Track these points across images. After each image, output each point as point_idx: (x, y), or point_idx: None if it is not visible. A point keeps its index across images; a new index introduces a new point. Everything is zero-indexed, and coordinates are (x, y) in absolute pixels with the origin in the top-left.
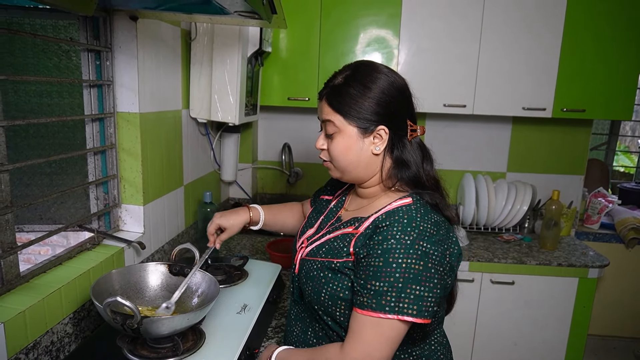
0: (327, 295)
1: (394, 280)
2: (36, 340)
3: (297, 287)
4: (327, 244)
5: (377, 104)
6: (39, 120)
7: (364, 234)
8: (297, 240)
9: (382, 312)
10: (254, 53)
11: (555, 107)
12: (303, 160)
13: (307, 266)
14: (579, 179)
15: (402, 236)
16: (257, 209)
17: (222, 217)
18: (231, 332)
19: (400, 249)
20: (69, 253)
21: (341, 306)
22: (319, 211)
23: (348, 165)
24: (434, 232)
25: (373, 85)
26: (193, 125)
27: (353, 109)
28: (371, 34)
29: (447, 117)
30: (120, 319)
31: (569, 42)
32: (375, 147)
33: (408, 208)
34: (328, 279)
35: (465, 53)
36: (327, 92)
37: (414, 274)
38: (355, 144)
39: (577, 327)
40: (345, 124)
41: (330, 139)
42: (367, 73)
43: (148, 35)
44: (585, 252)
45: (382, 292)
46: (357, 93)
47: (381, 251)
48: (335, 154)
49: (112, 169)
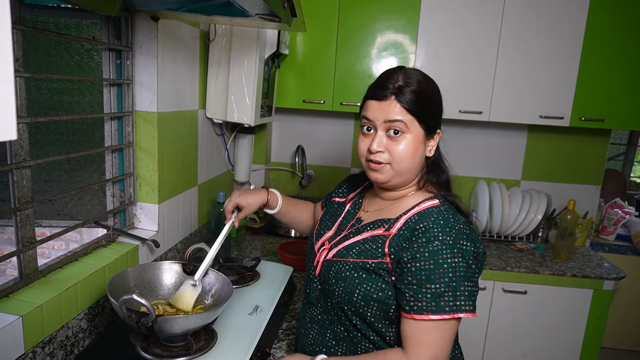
0: (360, 295)
1: (448, 280)
2: (52, 335)
3: (316, 289)
4: (358, 246)
5: (438, 108)
6: (61, 118)
7: (399, 235)
8: (315, 242)
9: (443, 313)
10: (271, 55)
11: (573, 116)
12: (316, 163)
13: (336, 267)
14: (595, 189)
15: (444, 237)
16: (276, 193)
17: (240, 195)
18: (243, 333)
19: (446, 249)
20: (84, 249)
21: (373, 307)
22: (333, 214)
23: (408, 168)
24: (467, 230)
25: (434, 90)
26: (208, 125)
27: (422, 110)
28: (388, 38)
29: (462, 123)
30: (135, 316)
31: (589, 51)
32: (430, 150)
33: (439, 210)
34: (362, 280)
35: (483, 59)
36: (395, 92)
37: (463, 271)
38: (421, 146)
39: (590, 339)
40: (416, 126)
41: (394, 140)
42: (419, 77)
43: (168, 36)
44: (600, 263)
45: (440, 293)
46: (421, 94)
47: (429, 254)
48: (401, 155)
49: (129, 167)
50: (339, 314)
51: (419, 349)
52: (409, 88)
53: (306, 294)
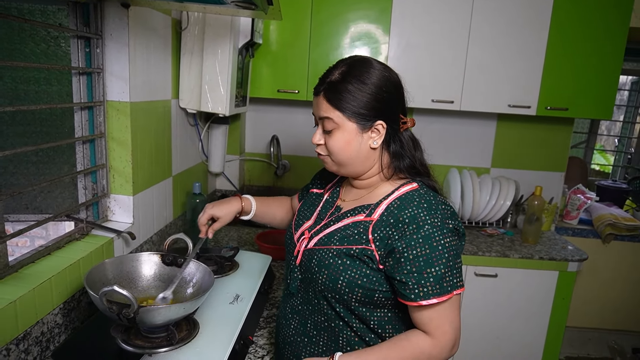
0: (345, 282)
1: (445, 261)
2: (26, 331)
3: (296, 279)
4: (339, 232)
5: (374, 99)
6: (29, 107)
7: (381, 221)
8: (294, 232)
9: (447, 293)
10: (245, 44)
11: (539, 105)
12: (291, 153)
13: (318, 255)
14: (559, 176)
15: (432, 220)
16: (249, 198)
17: (214, 207)
18: (225, 322)
19: (437, 231)
20: (57, 243)
21: (358, 293)
22: (311, 204)
23: (347, 160)
24: (449, 210)
25: (370, 81)
26: (182, 115)
27: (352, 105)
28: (361, 28)
29: (434, 112)
30: (117, 308)
31: (554, 41)
32: (373, 142)
33: (419, 193)
34: (346, 266)
35: (454, 49)
36: (325, 88)
37: (454, 249)
38: (355, 139)
39: (556, 319)
40: (344, 120)
41: (328, 134)
42: (363, 69)
43: (139, 24)
44: (565, 246)
45: (441, 275)
46: (355, 89)
47: (422, 239)
48: (335, 149)
49: (101, 158)
50: (320, 303)
51: (442, 327)
52: (340, 84)
53: (286, 284)
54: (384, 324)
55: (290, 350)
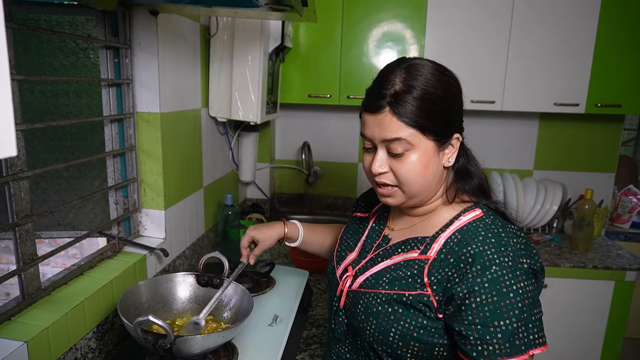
0: (398, 334)
1: (519, 312)
2: (60, 358)
3: (342, 324)
4: (389, 272)
5: (448, 108)
6: (59, 123)
7: (439, 260)
8: (336, 266)
9: (520, 354)
10: (275, 49)
11: (588, 103)
12: (322, 159)
13: (365, 300)
14: (609, 177)
15: (501, 259)
16: (296, 224)
17: (255, 229)
18: (265, 347)
19: (508, 274)
20: (89, 262)
21: (414, 347)
22: (355, 231)
23: (421, 189)
24: (523, 244)
25: (440, 88)
26: (212, 124)
27: (430, 120)
28: (395, 28)
29: (472, 113)
30: (152, 338)
31: (603, 35)
32: (448, 159)
33: (485, 223)
34: (398, 315)
35: (494, 47)
36: (390, 101)
37: (530, 297)
38: (433, 159)
39: (613, 331)
40: (421, 139)
41: (396, 158)
42: (427, 73)
43: (168, 32)
44: (620, 253)
45: (512, 330)
46: (428, 99)
47: (489, 284)
48: (410, 177)
49: (132, 171)
50: (370, 356)
51: None
52: (409, 94)
53: (331, 328)
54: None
55: None
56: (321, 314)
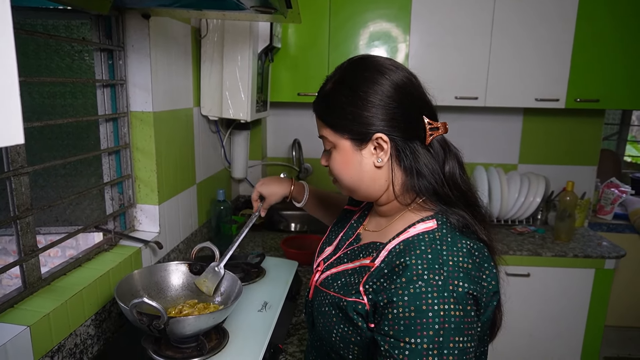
0: (339, 337)
1: (433, 333)
2: (60, 343)
3: (310, 314)
4: (345, 277)
5: (370, 109)
6: (56, 122)
7: (379, 268)
8: (316, 258)
9: None
10: (264, 49)
11: (568, 98)
12: (313, 156)
13: (319, 298)
14: (591, 170)
15: (430, 276)
16: (303, 185)
17: (263, 184)
18: (254, 331)
19: (432, 293)
20: (87, 254)
21: (354, 350)
22: (340, 225)
23: (351, 183)
24: (469, 265)
25: (366, 88)
26: (204, 122)
27: (343, 119)
28: (381, 27)
29: (457, 109)
30: (147, 319)
31: (582, 31)
32: (377, 159)
33: (431, 237)
34: (339, 319)
35: (477, 44)
36: (317, 102)
37: (455, 322)
38: (352, 157)
39: (594, 318)
40: (337, 137)
41: (329, 155)
42: (358, 74)
43: (160, 34)
44: (600, 242)
45: (421, 350)
46: (345, 100)
47: (408, 297)
48: (335, 171)
49: (127, 168)
50: (327, 350)
51: None
52: (331, 96)
53: (304, 312)
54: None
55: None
56: None
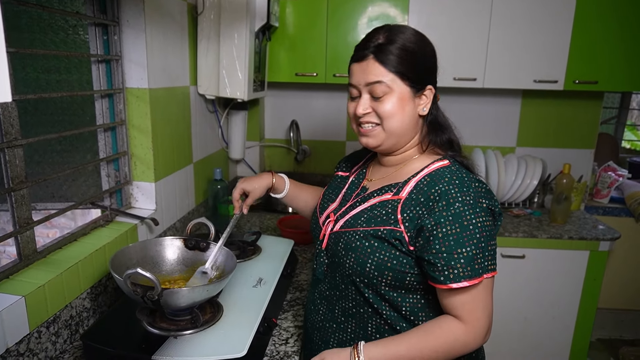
0: (374, 265)
1: (477, 241)
2: (56, 314)
3: (323, 264)
4: (366, 213)
5: (424, 62)
6: (50, 95)
7: (410, 199)
8: (319, 215)
9: (478, 277)
10: (262, 27)
11: (567, 80)
12: (311, 138)
13: (345, 238)
14: (589, 153)
15: (463, 197)
16: (283, 177)
17: (245, 181)
18: (248, 305)
19: (469, 209)
20: (83, 229)
21: (388, 276)
22: (336, 187)
23: (399, 127)
24: (483, 188)
25: (418, 45)
26: (201, 102)
27: (405, 67)
28: (380, 7)
29: (455, 91)
30: (141, 290)
31: (581, 13)
32: (423, 108)
33: (450, 169)
34: (374, 248)
35: (476, 25)
36: (374, 51)
37: (487, 230)
38: (408, 103)
39: (587, 300)
40: (399, 84)
41: (377, 100)
42: (408, 33)
43: (155, 9)
44: (595, 225)
45: (472, 256)
46: (406, 51)
47: (452, 217)
48: (388, 114)
49: (123, 145)
50: (348, 288)
51: (475, 312)
52: (390, 45)
53: (313, 269)
54: (417, 310)
55: (318, 335)
56: (305, 279)
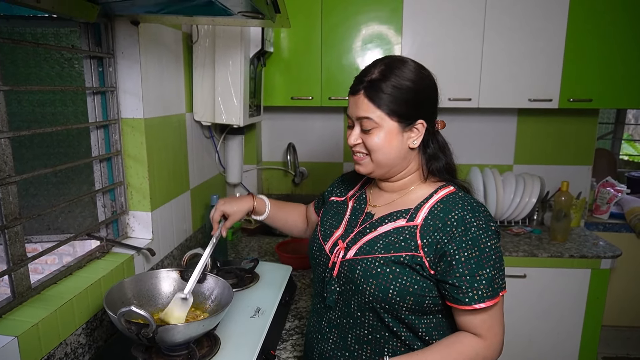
0: (396, 291)
1: (494, 263)
2: (50, 353)
3: (334, 292)
4: (381, 240)
5: (415, 98)
6: (45, 130)
7: (427, 225)
8: (323, 243)
9: (497, 296)
10: (256, 54)
11: (561, 98)
12: (308, 160)
13: (362, 265)
14: (586, 169)
15: (477, 222)
16: (263, 199)
17: (225, 203)
18: (246, 337)
19: (484, 234)
20: (78, 262)
21: (409, 301)
22: (335, 212)
23: (386, 160)
24: (488, 212)
25: (410, 80)
26: (197, 128)
27: (394, 104)
28: (373, 30)
29: (451, 111)
30: (135, 328)
31: (573, 32)
32: (413, 141)
33: (458, 196)
34: (396, 274)
35: (469, 46)
36: (365, 86)
37: (500, 252)
38: (396, 138)
39: (591, 318)
40: (386, 119)
41: (366, 133)
42: (403, 67)
43: (150, 40)
44: (596, 242)
45: (492, 277)
46: (396, 87)
47: (471, 241)
48: (374, 148)
49: (119, 175)
50: (365, 315)
51: (493, 329)
52: (382, 82)
53: (321, 297)
54: (431, 330)
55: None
56: (304, 307)
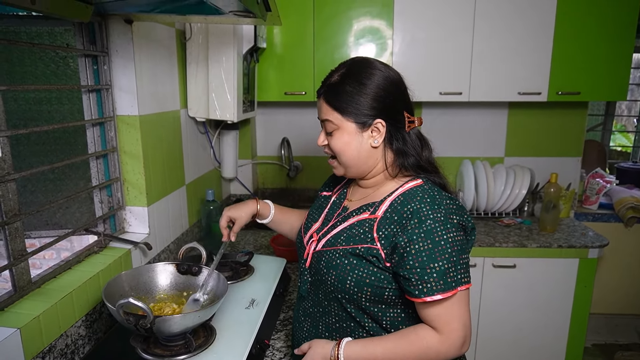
0: (353, 282)
1: (448, 256)
2: (51, 344)
3: (306, 282)
4: (345, 232)
5: (372, 99)
6: (42, 128)
7: (386, 218)
8: (303, 235)
9: (451, 289)
10: (249, 50)
11: (550, 91)
12: (302, 154)
13: (326, 257)
14: (576, 161)
15: (434, 215)
16: (268, 203)
17: (231, 209)
18: (241, 327)
19: (440, 227)
20: (77, 257)
21: (367, 292)
22: (319, 207)
23: (349, 160)
24: (455, 205)
25: (368, 81)
26: (192, 124)
27: (350, 106)
28: (365, 25)
29: (443, 105)
30: (133, 319)
31: (561, 26)
32: (374, 141)
33: (422, 188)
34: (353, 266)
35: (459, 40)
36: (324, 90)
37: (459, 245)
38: (354, 139)
39: (579, 306)
40: (343, 121)
41: (330, 136)
42: (362, 69)
43: (143, 38)
44: (584, 232)
45: (444, 270)
46: (353, 90)
47: (424, 234)
48: (336, 150)
49: (115, 172)
50: (331, 305)
51: (450, 324)
52: (339, 85)
53: (298, 287)
54: (397, 323)
55: None
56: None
